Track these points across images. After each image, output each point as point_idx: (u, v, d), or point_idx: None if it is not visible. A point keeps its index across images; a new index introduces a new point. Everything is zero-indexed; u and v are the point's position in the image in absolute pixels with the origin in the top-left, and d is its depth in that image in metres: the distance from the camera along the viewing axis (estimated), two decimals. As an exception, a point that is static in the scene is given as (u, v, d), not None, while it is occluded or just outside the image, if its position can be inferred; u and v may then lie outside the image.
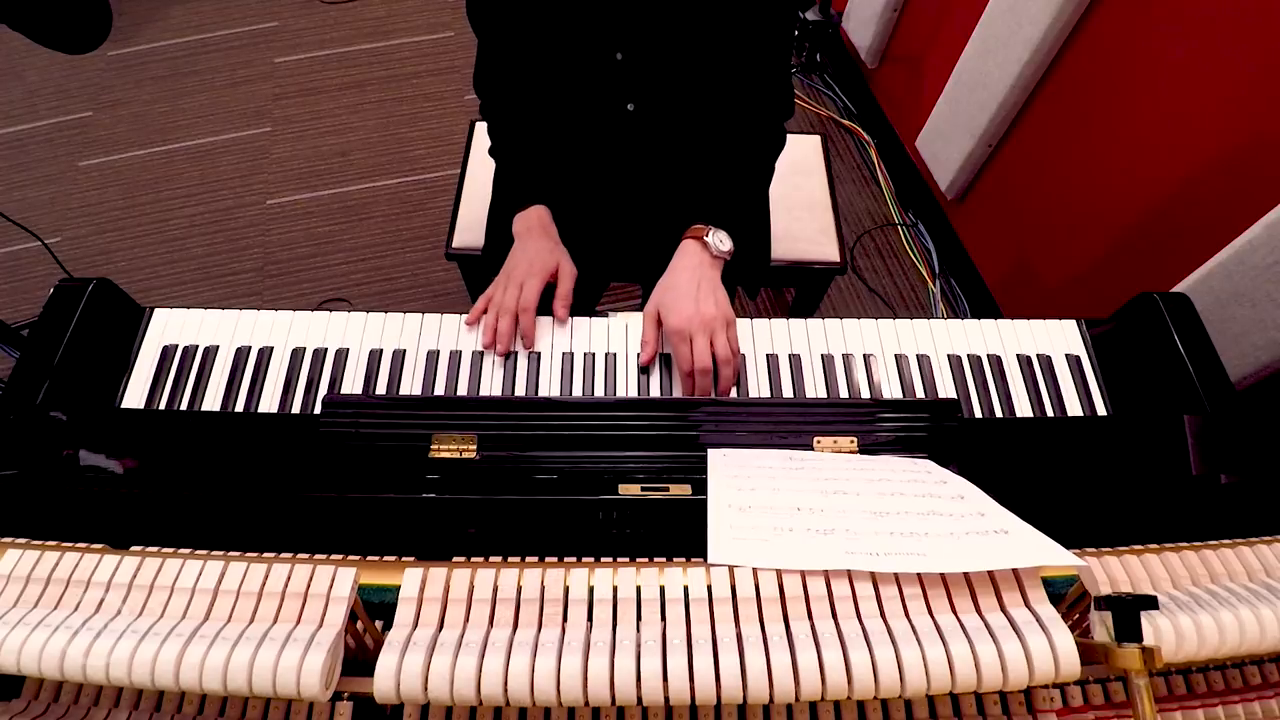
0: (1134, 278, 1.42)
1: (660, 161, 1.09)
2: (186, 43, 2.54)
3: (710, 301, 0.91)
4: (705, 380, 0.89)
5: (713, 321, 0.90)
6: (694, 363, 0.88)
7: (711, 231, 0.96)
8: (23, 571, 0.47)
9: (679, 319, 0.90)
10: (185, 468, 0.77)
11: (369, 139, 2.31)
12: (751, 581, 0.47)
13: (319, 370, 0.91)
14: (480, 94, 1.12)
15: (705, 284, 0.93)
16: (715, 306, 0.91)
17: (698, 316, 0.89)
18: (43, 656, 0.42)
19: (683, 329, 0.89)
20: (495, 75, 1.08)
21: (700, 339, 0.89)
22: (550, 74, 1.02)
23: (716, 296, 0.92)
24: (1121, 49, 1.34)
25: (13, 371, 0.85)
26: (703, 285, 0.93)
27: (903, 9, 2.01)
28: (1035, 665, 0.42)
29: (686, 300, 0.91)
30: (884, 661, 0.42)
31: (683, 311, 0.90)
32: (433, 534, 0.69)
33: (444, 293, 2.00)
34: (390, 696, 0.42)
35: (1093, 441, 0.83)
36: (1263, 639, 0.47)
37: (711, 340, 0.89)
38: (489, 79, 1.09)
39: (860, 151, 2.32)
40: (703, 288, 0.92)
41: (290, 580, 0.46)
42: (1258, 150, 1.13)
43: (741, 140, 1.05)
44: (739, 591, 0.47)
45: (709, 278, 0.94)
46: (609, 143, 1.08)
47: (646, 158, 1.09)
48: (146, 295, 1.98)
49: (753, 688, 0.42)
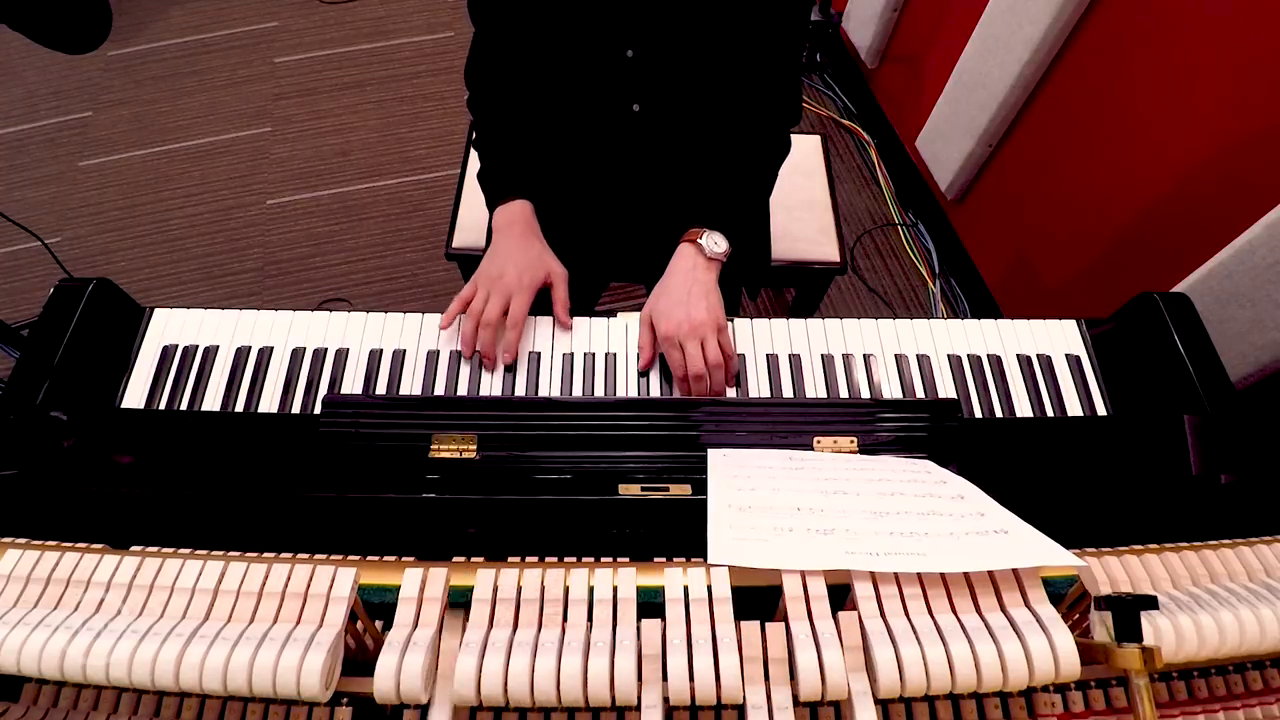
0: (1134, 278, 1.42)
1: (663, 162, 1.09)
2: (186, 43, 2.54)
3: (701, 307, 0.91)
4: (700, 385, 0.89)
5: (702, 327, 0.89)
6: (686, 369, 0.88)
7: (706, 234, 0.96)
8: (23, 571, 0.47)
9: (669, 325, 0.90)
10: (185, 468, 0.77)
11: (369, 139, 2.31)
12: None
13: (319, 370, 0.91)
14: (471, 85, 1.08)
15: (697, 288, 0.92)
16: (706, 312, 0.90)
17: (687, 322, 0.89)
18: (42, 657, 0.42)
19: (672, 335, 0.89)
20: (491, 67, 1.06)
21: (691, 345, 0.88)
22: (557, 70, 1.01)
23: (708, 301, 0.92)
24: (1122, 49, 1.34)
25: (13, 371, 0.85)
26: (694, 290, 0.92)
27: (903, 9, 2.01)
28: (1035, 665, 0.42)
29: (677, 307, 0.91)
30: (884, 661, 0.42)
31: (673, 318, 0.90)
32: (433, 534, 0.69)
33: (444, 293, 2.00)
34: (390, 696, 0.42)
35: (1093, 441, 0.83)
36: (1263, 639, 0.46)
37: (703, 345, 0.89)
38: (483, 70, 1.06)
39: (860, 151, 2.32)
40: (694, 293, 0.92)
41: (290, 580, 0.46)
42: (1258, 150, 1.13)
43: (746, 143, 1.05)
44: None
45: (701, 281, 0.93)
46: (613, 142, 1.07)
47: (650, 158, 1.08)
48: (146, 295, 1.98)
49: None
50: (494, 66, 1.06)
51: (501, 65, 1.05)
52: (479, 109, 1.09)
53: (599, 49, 0.96)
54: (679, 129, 1.05)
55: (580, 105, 1.04)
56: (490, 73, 1.07)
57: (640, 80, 0.99)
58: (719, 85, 1.00)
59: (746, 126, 1.04)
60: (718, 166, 1.05)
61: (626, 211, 1.14)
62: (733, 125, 1.04)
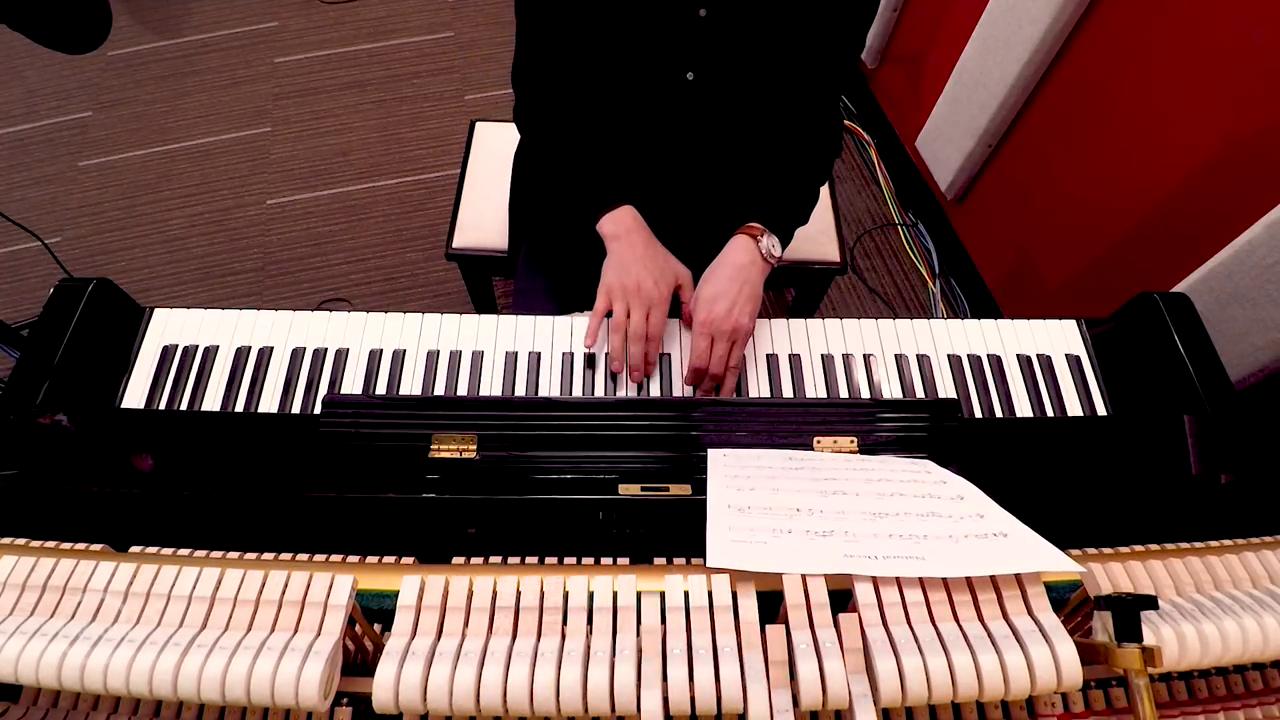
0: (1134, 278, 1.42)
1: (717, 145, 1.04)
2: (186, 43, 2.53)
3: (747, 311, 0.91)
4: (710, 383, 0.90)
5: (739, 331, 0.89)
6: (707, 362, 0.89)
7: (767, 235, 0.95)
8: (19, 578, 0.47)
9: (711, 314, 0.89)
10: (185, 468, 0.77)
11: (369, 139, 2.31)
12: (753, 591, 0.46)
13: (319, 370, 0.91)
14: (524, 90, 1.03)
15: (748, 289, 0.92)
16: (749, 318, 0.91)
17: (729, 320, 0.89)
18: (40, 665, 0.42)
19: (711, 326, 0.89)
20: (544, 68, 1.00)
21: (721, 345, 0.89)
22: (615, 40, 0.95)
23: (752, 306, 0.92)
24: (1122, 49, 1.33)
25: (13, 371, 0.85)
26: (744, 291, 0.92)
27: (903, 9, 2.01)
28: (1038, 676, 0.42)
29: (723, 299, 0.90)
30: (885, 672, 0.42)
31: (717, 309, 0.90)
32: (433, 534, 0.69)
33: (444, 293, 2.00)
34: (389, 707, 0.42)
35: (1093, 441, 0.83)
36: (1266, 647, 0.46)
37: (732, 347, 0.89)
38: (537, 72, 1.01)
39: (860, 151, 2.32)
40: (744, 293, 0.92)
41: (288, 587, 0.46)
42: (1258, 150, 1.13)
43: (803, 142, 1.03)
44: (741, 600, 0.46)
45: (753, 282, 0.93)
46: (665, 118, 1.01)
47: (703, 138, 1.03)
48: (146, 295, 1.98)
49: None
50: (548, 67, 1.00)
51: (556, 63, 1.00)
52: (540, 119, 1.04)
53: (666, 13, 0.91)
54: (735, 105, 1.00)
55: (635, 74, 0.98)
56: (545, 74, 1.01)
57: (703, 48, 0.94)
58: (785, 65, 0.96)
59: (803, 122, 1.02)
60: (775, 162, 1.02)
61: (677, 201, 1.08)
62: (787, 130, 1.02)
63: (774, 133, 1.03)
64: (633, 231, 0.95)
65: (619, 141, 1.05)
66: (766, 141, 1.03)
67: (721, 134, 1.03)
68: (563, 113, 1.03)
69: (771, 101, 1.00)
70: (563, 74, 1.00)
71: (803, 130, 1.03)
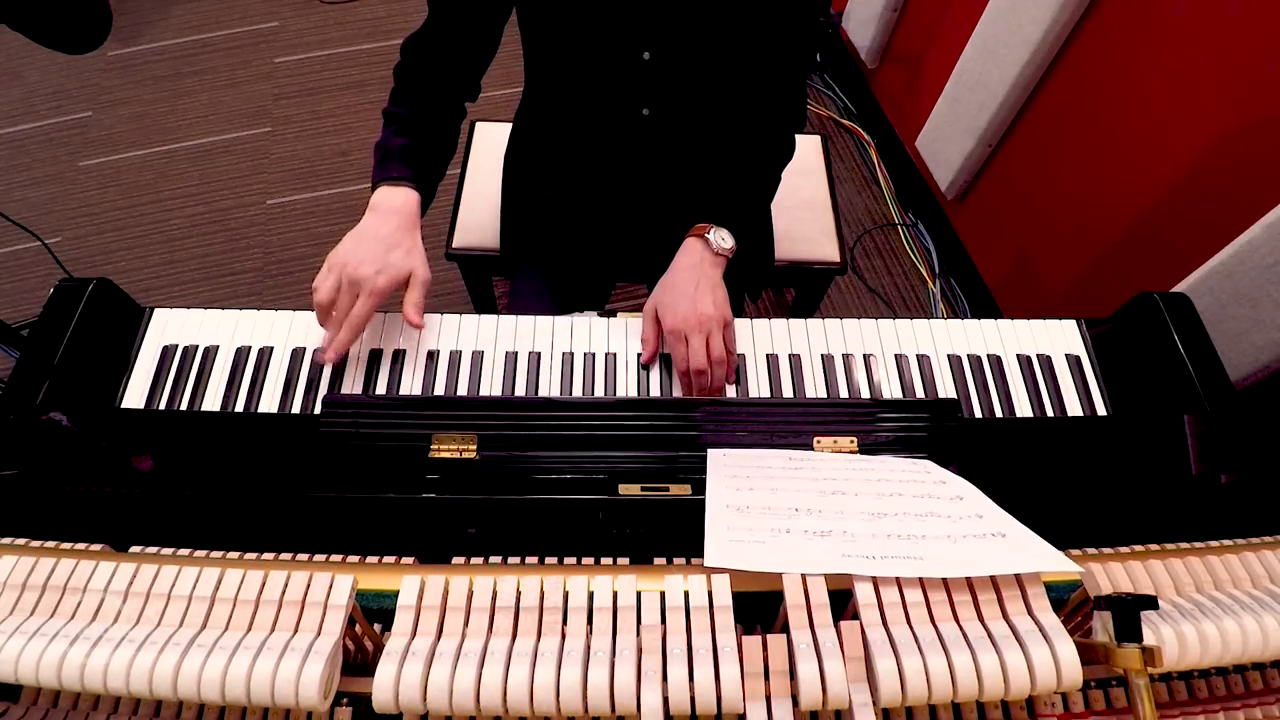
0: (1134, 278, 1.42)
1: (670, 165, 1.08)
2: (186, 43, 2.53)
3: (708, 301, 0.91)
4: (701, 380, 0.89)
5: (709, 321, 0.89)
6: (689, 363, 0.88)
7: (714, 230, 0.95)
8: (18, 579, 0.47)
9: (675, 318, 0.90)
10: (185, 468, 0.77)
11: (369, 139, 2.28)
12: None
13: (319, 370, 0.91)
14: (411, 56, 0.99)
15: (704, 283, 0.93)
16: (713, 306, 0.90)
17: (694, 316, 0.89)
18: (40, 666, 0.42)
19: (678, 328, 0.89)
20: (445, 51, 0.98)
21: (696, 339, 0.88)
22: (570, 74, 0.99)
23: (715, 296, 0.92)
24: (1122, 49, 1.33)
25: (13, 371, 0.85)
26: (701, 284, 0.92)
27: (903, 9, 2.01)
28: (1038, 676, 0.42)
29: (684, 300, 0.91)
30: (885, 672, 0.42)
31: (679, 311, 0.90)
32: (433, 534, 0.69)
33: (444, 292, 2.00)
34: (389, 707, 0.42)
35: (1093, 441, 0.83)
36: (1265, 647, 0.46)
37: (708, 340, 0.89)
38: (434, 50, 0.98)
39: (860, 151, 2.32)
40: (701, 287, 0.92)
41: (287, 587, 0.46)
42: (1257, 150, 1.13)
43: (753, 145, 1.05)
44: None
45: (709, 276, 0.94)
46: (621, 145, 1.07)
47: (657, 161, 1.08)
48: (146, 295, 1.98)
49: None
50: (449, 51, 0.98)
51: (458, 52, 0.98)
52: (409, 79, 1.00)
53: (616, 51, 0.94)
54: (687, 132, 1.04)
55: (590, 108, 1.03)
56: (441, 55, 0.99)
57: (653, 84, 0.98)
58: (731, 88, 0.99)
59: (755, 129, 1.04)
60: (725, 167, 1.04)
61: (633, 211, 1.14)
62: (741, 128, 1.03)
63: (726, 146, 1.05)
64: (393, 214, 0.91)
65: (578, 165, 1.09)
66: (719, 155, 1.05)
67: (680, 158, 1.06)
68: (432, 93, 1.00)
69: (726, 124, 1.03)
70: (457, 69, 1.00)
71: (753, 136, 1.05)
